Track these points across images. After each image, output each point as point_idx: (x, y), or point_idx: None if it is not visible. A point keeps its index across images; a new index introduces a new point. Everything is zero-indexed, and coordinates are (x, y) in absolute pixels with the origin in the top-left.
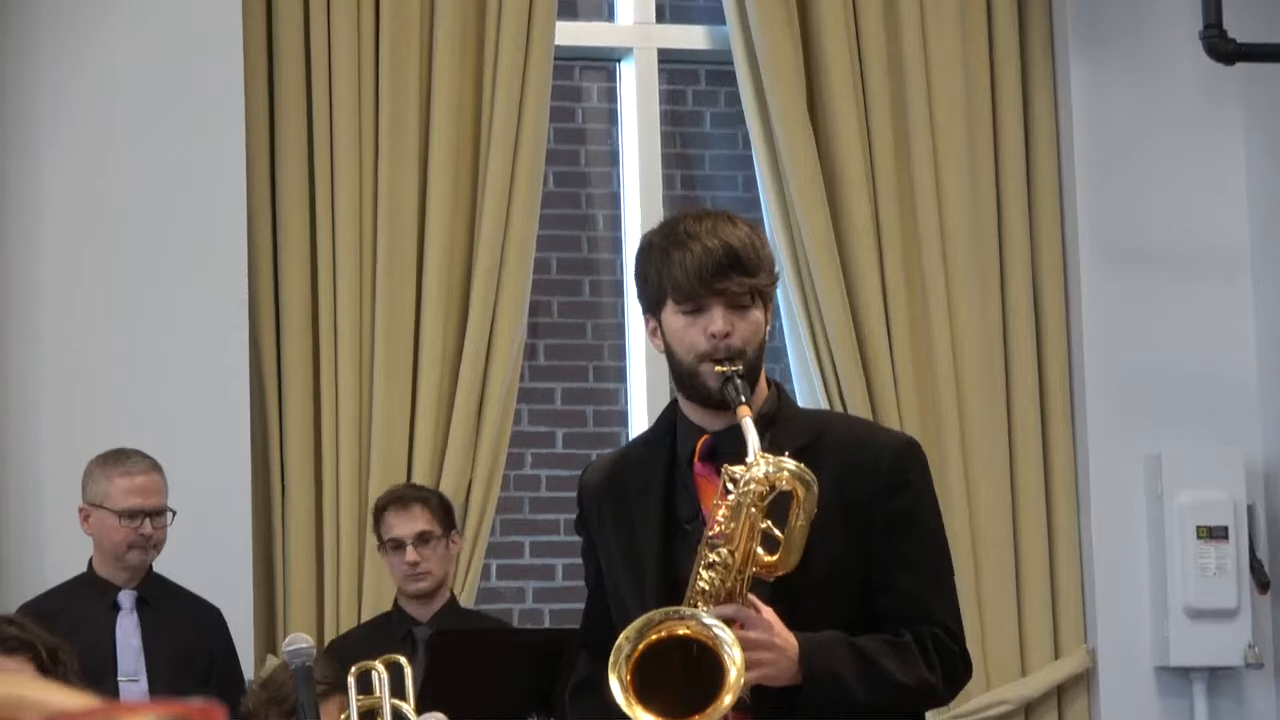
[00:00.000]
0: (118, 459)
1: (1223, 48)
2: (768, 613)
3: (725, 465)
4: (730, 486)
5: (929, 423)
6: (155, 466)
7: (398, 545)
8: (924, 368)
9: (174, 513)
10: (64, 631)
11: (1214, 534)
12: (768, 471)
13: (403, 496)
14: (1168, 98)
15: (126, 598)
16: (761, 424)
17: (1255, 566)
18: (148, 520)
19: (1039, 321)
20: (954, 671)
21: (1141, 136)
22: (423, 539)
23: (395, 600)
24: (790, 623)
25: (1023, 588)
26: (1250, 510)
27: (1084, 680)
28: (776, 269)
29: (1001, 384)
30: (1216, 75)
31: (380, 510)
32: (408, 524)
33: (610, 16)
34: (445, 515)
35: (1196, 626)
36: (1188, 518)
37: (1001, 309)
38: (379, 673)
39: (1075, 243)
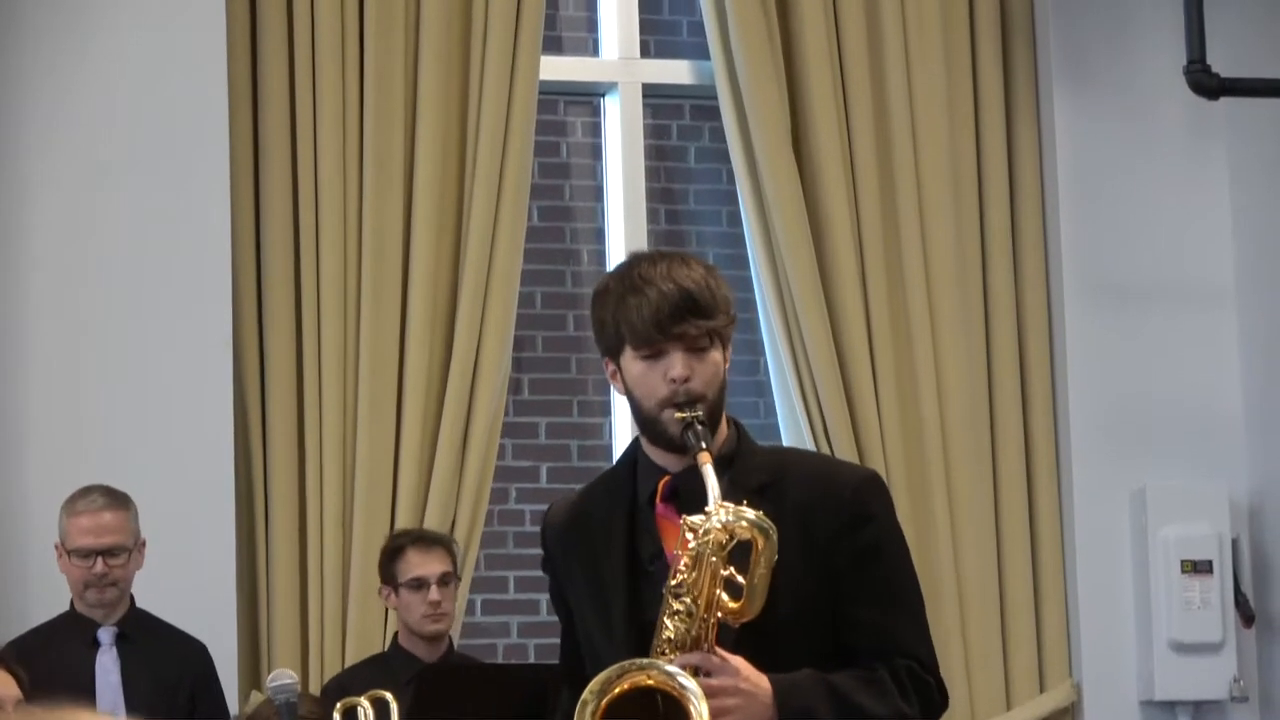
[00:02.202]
0: (76, 498)
1: (1207, 82)
2: (736, 659)
3: (684, 516)
4: (689, 536)
5: (913, 456)
6: (113, 505)
7: (420, 584)
8: (908, 402)
9: (131, 550)
10: (45, 668)
11: (1199, 568)
12: (726, 521)
13: (425, 537)
14: (1152, 133)
15: (106, 634)
16: (722, 463)
17: (1240, 600)
18: (99, 559)
19: (1023, 355)
20: (930, 703)
21: (1126, 171)
22: (444, 580)
23: (395, 641)
24: (762, 664)
25: (1008, 622)
26: (1235, 544)
27: (1069, 714)
28: (733, 308)
29: (986, 418)
30: (1201, 110)
31: (398, 550)
32: (432, 564)
33: (595, 51)
34: (457, 561)
35: (1181, 660)
36: (1172, 551)
37: (986, 343)
38: (365, 709)
39: (1059, 277)
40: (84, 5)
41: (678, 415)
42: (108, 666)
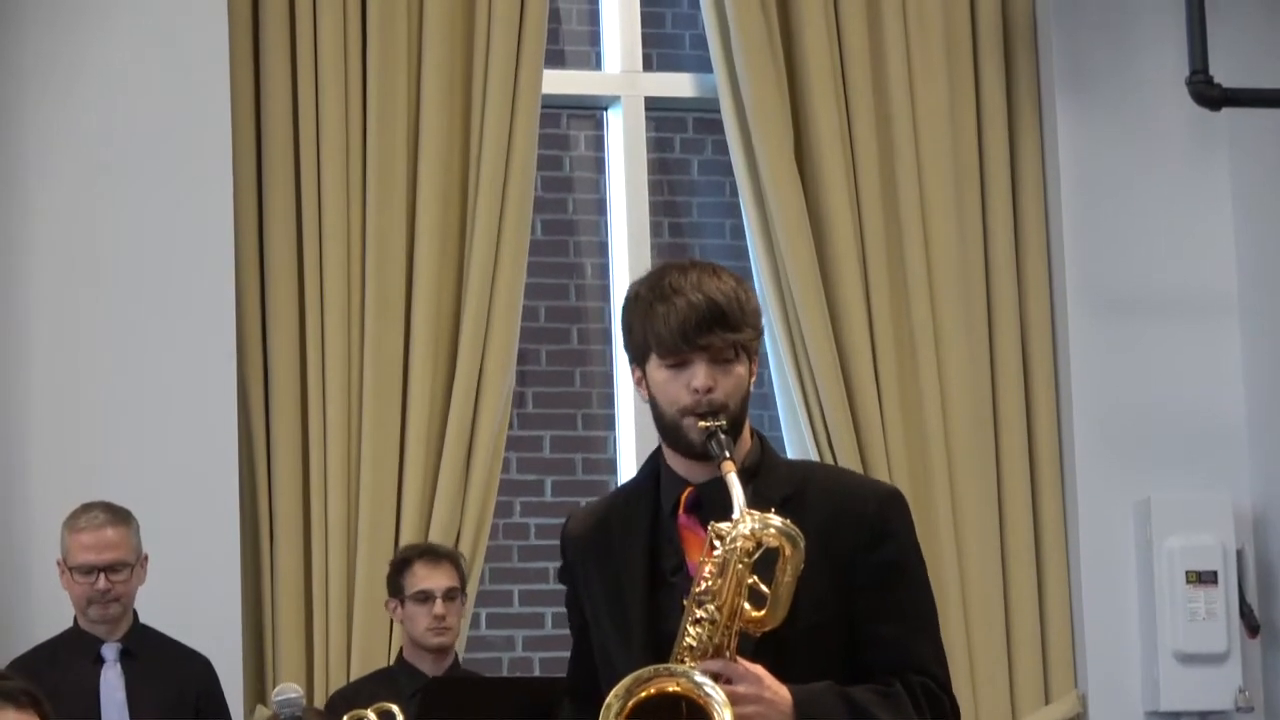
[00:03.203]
0: (77, 515)
1: (1209, 93)
2: (757, 667)
3: (712, 522)
4: (716, 543)
5: (917, 469)
6: (113, 521)
7: (426, 597)
8: (912, 414)
9: (133, 566)
10: (50, 685)
11: (1203, 578)
12: (754, 528)
13: (434, 551)
14: (1154, 143)
15: (110, 650)
16: (745, 476)
17: (1245, 611)
18: (102, 575)
19: (1027, 367)
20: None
21: (1128, 182)
22: (449, 595)
23: (400, 655)
24: (777, 675)
25: (1013, 633)
26: (1239, 554)
27: None
28: (761, 321)
29: (990, 430)
30: (1203, 121)
31: (406, 563)
32: (439, 578)
33: (597, 65)
34: (464, 576)
35: (1186, 671)
36: (1177, 562)
37: (989, 355)
38: None
39: (1063, 288)
40: (84, 11)
41: (700, 424)
42: (112, 683)
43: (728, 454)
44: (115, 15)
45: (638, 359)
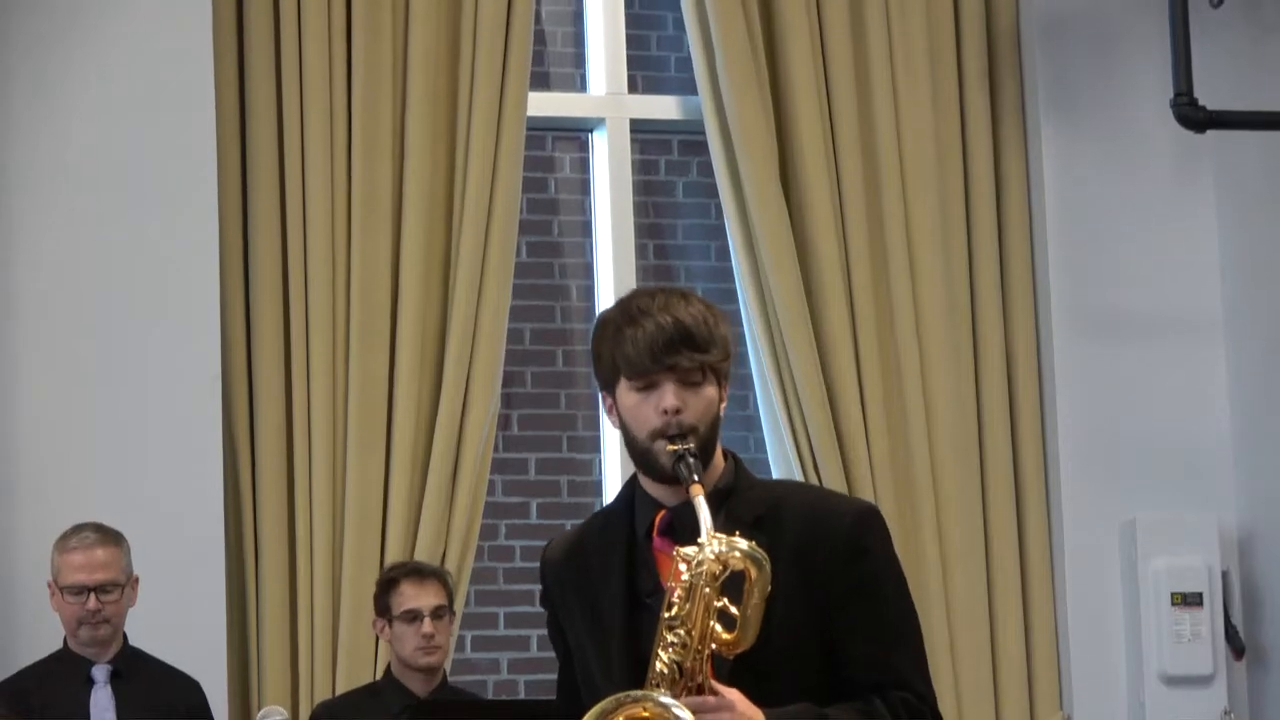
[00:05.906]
0: (68, 535)
1: (1194, 115)
2: (732, 693)
3: (677, 548)
4: (683, 567)
5: (903, 491)
6: (104, 541)
7: (414, 617)
8: (897, 436)
9: (124, 587)
10: (40, 707)
11: (1189, 600)
12: (719, 552)
13: (420, 569)
14: (1139, 165)
15: (100, 672)
16: (718, 497)
17: (1230, 632)
18: (92, 595)
19: (1012, 388)
20: None
21: (1113, 204)
22: (438, 613)
23: (388, 670)
24: (755, 697)
25: (998, 654)
26: (1225, 576)
27: None
28: (731, 345)
29: (975, 452)
30: (1188, 142)
31: (393, 582)
32: (426, 597)
33: (583, 87)
34: (451, 594)
35: (1172, 693)
36: (1163, 584)
37: (975, 377)
38: None
39: (1048, 309)
40: (70, 30)
41: (669, 447)
42: (103, 704)
43: (696, 477)
44: (100, 36)
45: (607, 385)
